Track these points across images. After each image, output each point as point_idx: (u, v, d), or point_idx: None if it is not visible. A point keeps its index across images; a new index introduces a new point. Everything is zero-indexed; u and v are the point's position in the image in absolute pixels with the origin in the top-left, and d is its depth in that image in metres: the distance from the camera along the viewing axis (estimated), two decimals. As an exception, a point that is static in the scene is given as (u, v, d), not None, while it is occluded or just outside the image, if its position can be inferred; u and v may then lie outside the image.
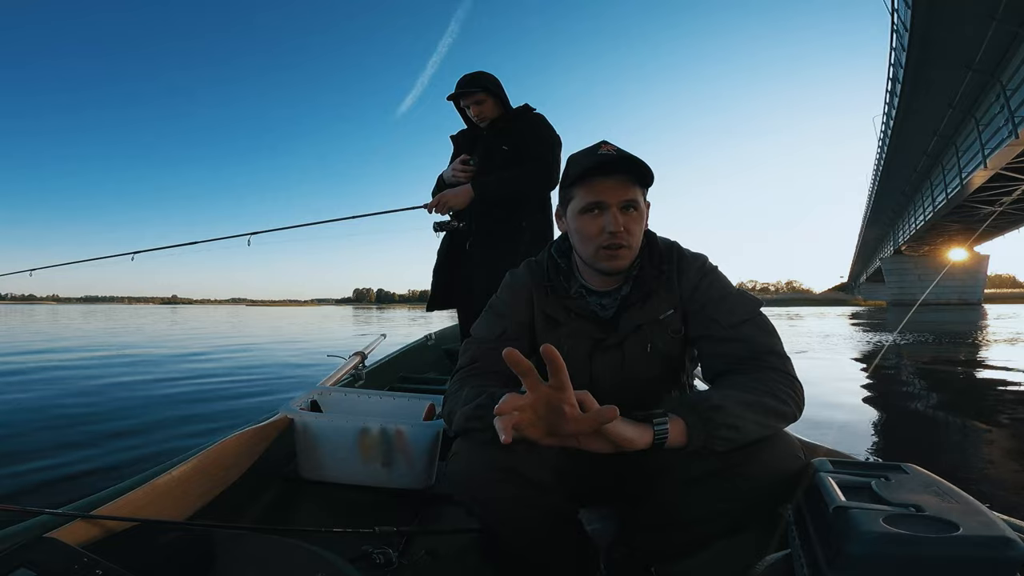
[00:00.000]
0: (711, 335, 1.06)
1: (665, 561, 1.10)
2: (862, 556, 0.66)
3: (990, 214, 23.36)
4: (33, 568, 0.76)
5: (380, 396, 1.91)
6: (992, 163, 17.25)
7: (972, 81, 15.95)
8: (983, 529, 0.65)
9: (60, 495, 1.87)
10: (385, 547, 1.20)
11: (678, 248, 1.16)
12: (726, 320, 1.04)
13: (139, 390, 4.66)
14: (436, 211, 2.24)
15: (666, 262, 1.12)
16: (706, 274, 1.11)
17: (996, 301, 78.79)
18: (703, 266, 1.13)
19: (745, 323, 1.04)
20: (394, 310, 69.98)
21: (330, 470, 1.52)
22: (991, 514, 0.69)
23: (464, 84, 2.22)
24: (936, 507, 0.70)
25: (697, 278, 1.11)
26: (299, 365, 6.97)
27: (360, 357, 2.58)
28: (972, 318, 20.78)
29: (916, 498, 0.73)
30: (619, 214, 1.03)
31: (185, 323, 20.50)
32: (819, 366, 6.42)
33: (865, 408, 4.17)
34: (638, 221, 1.06)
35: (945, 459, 2.84)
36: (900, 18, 15.80)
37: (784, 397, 0.93)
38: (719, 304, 1.07)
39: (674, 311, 1.11)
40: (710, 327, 1.06)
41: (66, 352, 8.21)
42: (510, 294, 1.18)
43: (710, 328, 1.06)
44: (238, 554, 0.96)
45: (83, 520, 0.96)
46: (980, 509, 0.70)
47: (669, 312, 1.10)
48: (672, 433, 0.85)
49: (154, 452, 2.67)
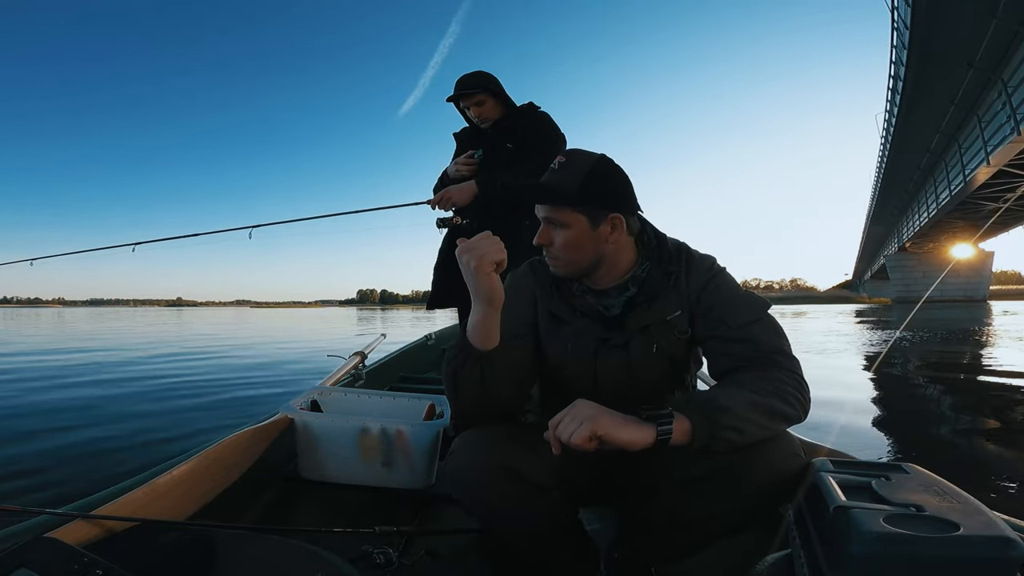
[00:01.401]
0: (719, 336, 1.05)
1: (665, 561, 1.09)
2: (863, 556, 0.66)
3: (994, 211, 23.29)
4: (33, 568, 0.76)
5: (380, 396, 1.90)
6: (995, 160, 17.22)
7: (974, 79, 15.93)
8: (984, 529, 0.65)
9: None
10: (385, 547, 1.20)
11: (687, 249, 1.16)
12: (734, 321, 1.04)
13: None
14: (439, 207, 2.21)
15: (674, 263, 1.12)
16: (714, 275, 1.11)
17: (1001, 298, 78.47)
18: (711, 267, 1.13)
19: (753, 324, 1.03)
20: (397, 311, 70.07)
21: (330, 470, 1.52)
22: (992, 514, 0.69)
23: (463, 85, 2.19)
24: (937, 507, 0.70)
25: (705, 279, 1.10)
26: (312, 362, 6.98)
27: (360, 357, 2.57)
28: (977, 315, 20.67)
29: (917, 498, 0.73)
30: (545, 227, 1.08)
31: (210, 326, 20.30)
32: (822, 365, 6.42)
33: (868, 408, 4.15)
34: (562, 235, 1.07)
35: (948, 459, 2.83)
36: (900, 16, 15.77)
37: (790, 399, 0.93)
38: (728, 305, 1.07)
39: (681, 312, 1.10)
40: (718, 328, 1.05)
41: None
42: (513, 294, 1.18)
43: (718, 329, 1.05)
44: (238, 554, 0.95)
45: (83, 520, 0.96)
46: (981, 509, 0.70)
47: (676, 313, 1.10)
48: (676, 432, 0.85)
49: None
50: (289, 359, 7.79)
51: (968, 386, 5.23)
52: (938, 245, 40.13)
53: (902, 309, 32.70)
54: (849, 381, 5.56)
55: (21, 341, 11.20)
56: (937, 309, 27.57)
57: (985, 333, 11.63)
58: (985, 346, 9.03)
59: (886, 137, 25.20)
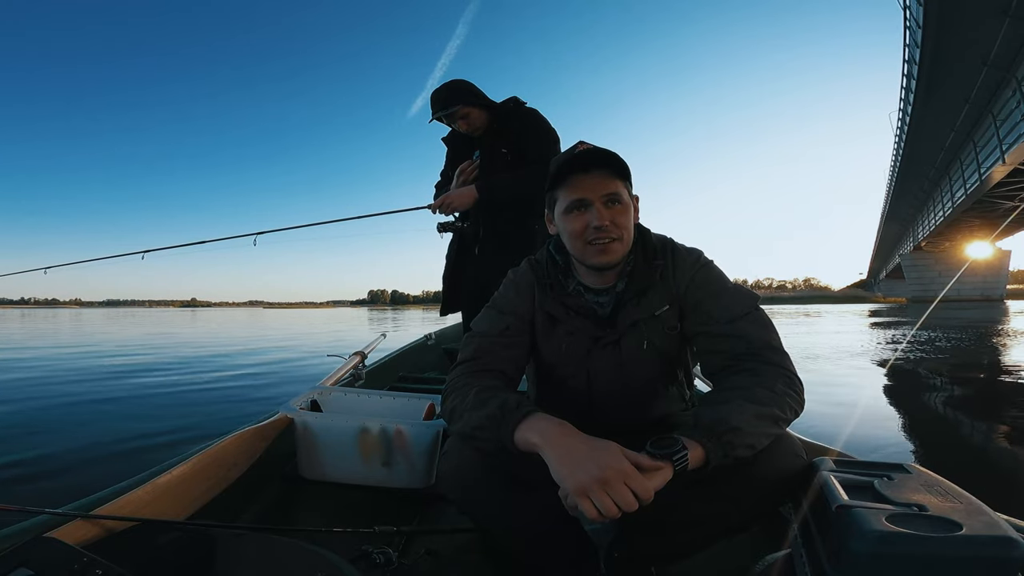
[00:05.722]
0: (708, 331, 1.04)
1: (665, 561, 1.08)
2: (865, 554, 0.66)
3: (1011, 209, 22.97)
4: (32, 568, 0.76)
5: (380, 396, 1.90)
6: (1010, 158, 17.03)
7: (988, 77, 15.76)
8: (986, 529, 0.64)
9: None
10: (385, 547, 1.19)
11: (672, 243, 1.15)
12: (723, 316, 1.03)
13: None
14: (440, 211, 2.19)
15: (660, 257, 1.11)
16: (701, 268, 1.10)
17: (1019, 297, 77.15)
18: (698, 260, 1.11)
19: (742, 318, 1.02)
20: (408, 311, 70.36)
21: (330, 470, 1.52)
22: (994, 514, 0.68)
23: (442, 104, 2.11)
24: (939, 507, 0.70)
25: (692, 272, 1.09)
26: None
27: (360, 357, 2.57)
28: (995, 315, 20.35)
29: (919, 497, 0.72)
30: (603, 208, 1.03)
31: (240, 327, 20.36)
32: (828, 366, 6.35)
33: (874, 408, 4.10)
34: (624, 214, 1.04)
35: (951, 459, 2.79)
36: (912, 15, 15.63)
37: (789, 400, 0.92)
38: (715, 299, 1.05)
39: (670, 307, 1.09)
40: (707, 323, 1.04)
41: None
42: (514, 291, 1.18)
43: (707, 324, 1.04)
44: (238, 554, 0.95)
45: (83, 520, 0.96)
46: (983, 509, 0.69)
47: (665, 308, 1.09)
48: (691, 461, 0.82)
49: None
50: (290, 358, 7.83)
51: (979, 386, 5.15)
52: (954, 244, 39.66)
53: (918, 308, 32.27)
54: (857, 381, 5.49)
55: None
56: (954, 308, 27.18)
57: (1002, 332, 11.44)
58: (1001, 346, 8.89)
59: (900, 135, 25.00)
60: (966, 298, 41.46)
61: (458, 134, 2.28)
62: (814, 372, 5.85)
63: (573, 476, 0.77)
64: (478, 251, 2.21)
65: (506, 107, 2.18)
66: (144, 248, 3.18)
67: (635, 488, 0.75)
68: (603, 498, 0.74)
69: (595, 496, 0.74)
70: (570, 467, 0.78)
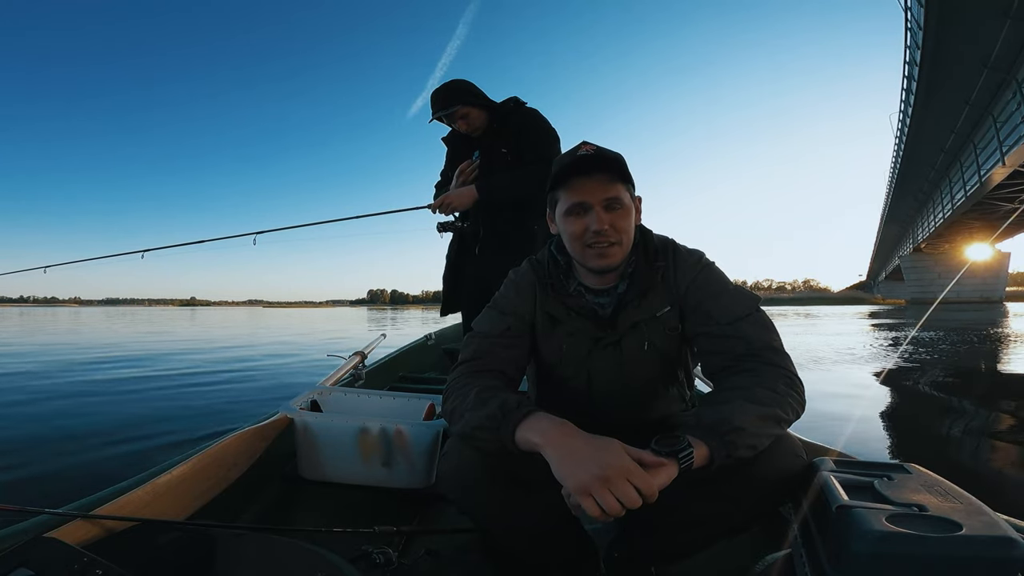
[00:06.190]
0: (709, 332, 1.04)
1: (665, 561, 1.08)
2: (865, 554, 0.66)
3: (1011, 211, 22.99)
4: (32, 568, 0.76)
5: (380, 396, 1.90)
6: (1010, 160, 17.05)
7: (988, 78, 15.78)
8: (986, 529, 0.64)
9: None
10: (385, 547, 1.19)
11: (673, 244, 1.15)
12: (724, 317, 1.03)
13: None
14: (440, 211, 2.19)
15: (661, 258, 1.11)
16: (702, 269, 1.10)
17: (1018, 299, 77.15)
18: (699, 261, 1.11)
19: (743, 319, 1.02)
20: (408, 311, 70.30)
21: (330, 470, 1.52)
22: (994, 514, 0.68)
23: (442, 104, 2.11)
24: (939, 507, 0.70)
25: (693, 273, 1.09)
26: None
27: (360, 357, 2.57)
28: (995, 317, 20.35)
29: (919, 498, 0.72)
30: (603, 212, 1.02)
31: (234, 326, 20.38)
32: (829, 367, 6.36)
33: (875, 409, 4.10)
34: (624, 218, 1.04)
35: (951, 459, 2.78)
36: (913, 16, 15.65)
37: (790, 401, 0.92)
38: (716, 300, 1.05)
39: (671, 308, 1.09)
40: (707, 324, 1.04)
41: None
42: (515, 291, 1.18)
43: (707, 325, 1.04)
44: (238, 554, 0.96)
45: (83, 520, 0.97)
46: (983, 509, 0.69)
47: (666, 309, 1.09)
48: (695, 459, 0.82)
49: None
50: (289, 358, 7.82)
51: (979, 387, 5.16)
52: (954, 246, 39.68)
53: (917, 310, 32.26)
54: (856, 382, 5.49)
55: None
56: (953, 310, 27.16)
57: (1001, 335, 11.44)
58: (1001, 348, 8.89)
59: (900, 136, 25.02)
60: (965, 300, 41.46)
61: (458, 134, 2.28)
62: (814, 372, 5.86)
63: (575, 475, 0.76)
64: (478, 251, 2.21)
65: (506, 107, 2.18)
66: (143, 247, 3.17)
67: (639, 485, 0.75)
68: (606, 496, 0.73)
69: (598, 494, 0.74)
70: (572, 466, 0.77)
